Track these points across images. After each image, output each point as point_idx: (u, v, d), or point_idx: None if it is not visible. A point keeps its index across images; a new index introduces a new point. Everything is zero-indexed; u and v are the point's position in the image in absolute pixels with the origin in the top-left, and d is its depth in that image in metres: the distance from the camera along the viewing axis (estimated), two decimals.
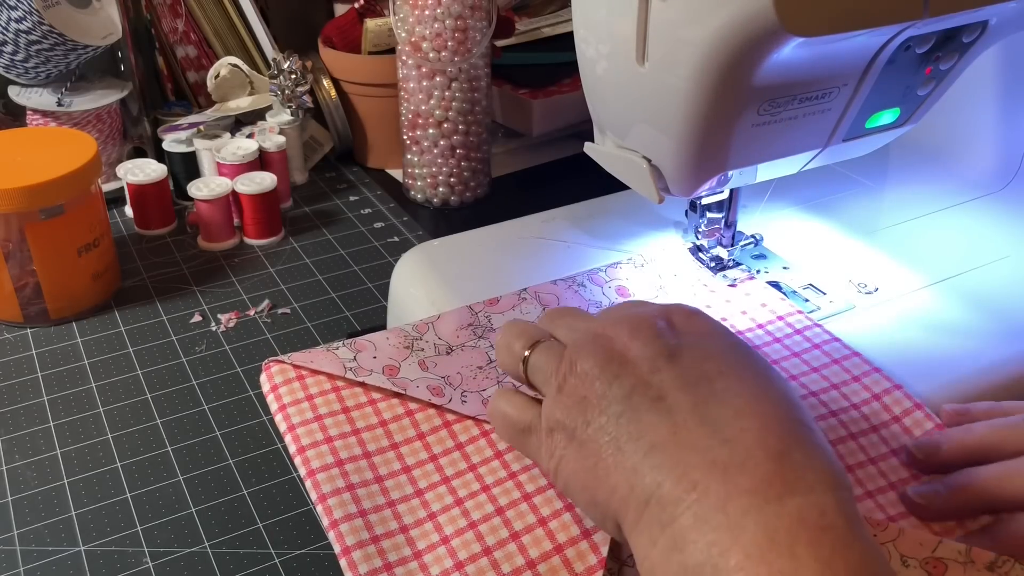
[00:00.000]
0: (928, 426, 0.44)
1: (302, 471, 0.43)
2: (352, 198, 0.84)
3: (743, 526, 0.30)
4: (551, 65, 0.92)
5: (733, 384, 0.34)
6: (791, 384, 0.36)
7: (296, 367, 0.47)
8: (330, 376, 0.46)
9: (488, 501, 0.42)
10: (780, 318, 0.52)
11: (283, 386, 0.46)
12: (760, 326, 0.52)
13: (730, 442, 0.32)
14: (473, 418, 0.45)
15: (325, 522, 0.40)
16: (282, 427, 0.45)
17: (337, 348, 0.48)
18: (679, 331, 0.38)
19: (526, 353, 0.41)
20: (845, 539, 0.30)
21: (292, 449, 0.44)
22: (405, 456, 0.44)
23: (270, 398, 0.46)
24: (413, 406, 0.46)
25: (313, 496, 0.42)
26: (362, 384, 0.46)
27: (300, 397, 0.45)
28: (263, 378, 0.47)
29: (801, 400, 0.35)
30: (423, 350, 0.49)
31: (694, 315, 0.39)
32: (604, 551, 0.39)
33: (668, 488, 0.32)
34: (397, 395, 0.46)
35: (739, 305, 0.53)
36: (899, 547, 0.38)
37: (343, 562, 0.39)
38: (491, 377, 0.48)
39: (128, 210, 0.79)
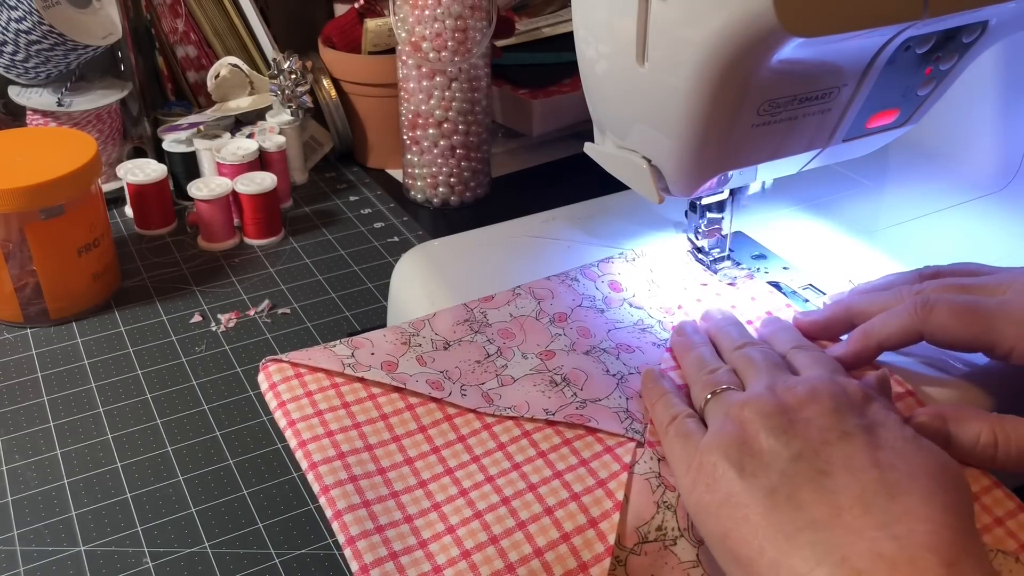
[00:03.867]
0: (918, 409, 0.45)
1: (303, 464, 0.43)
2: (352, 198, 0.84)
3: None
4: (551, 65, 0.92)
5: (900, 480, 0.35)
6: (964, 485, 0.36)
7: (294, 365, 0.47)
8: (328, 373, 0.47)
9: (493, 491, 0.41)
10: None
11: (281, 384, 0.46)
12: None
13: (899, 539, 0.33)
14: (474, 411, 0.45)
15: (329, 513, 0.40)
16: (281, 423, 0.45)
17: (335, 346, 0.48)
18: (858, 410, 0.38)
19: (708, 397, 0.43)
20: None
21: (293, 444, 0.44)
22: (407, 448, 0.44)
23: (268, 396, 0.46)
24: (413, 400, 0.46)
25: (316, 488, 0.42)
26: (361, 380, 0.46)
27: (299, 394, 0.45)
28: (261, 377, 0.47)
29: (969, 498, 0.36)
30: (420, 346, 0.49)
31: (873, 399, 0.39)
32: (611, 539, 0.39)
33: (828, 570, 0.32)
34: (397, 390, 0.46)
35: (738, 311, 0.53)
36: None
37: (348, 551, 0.39)
38: (490, 371, 0.48)
39: (128, 210, 0.79)
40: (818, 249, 0.60)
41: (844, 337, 0.49)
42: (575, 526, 0.40)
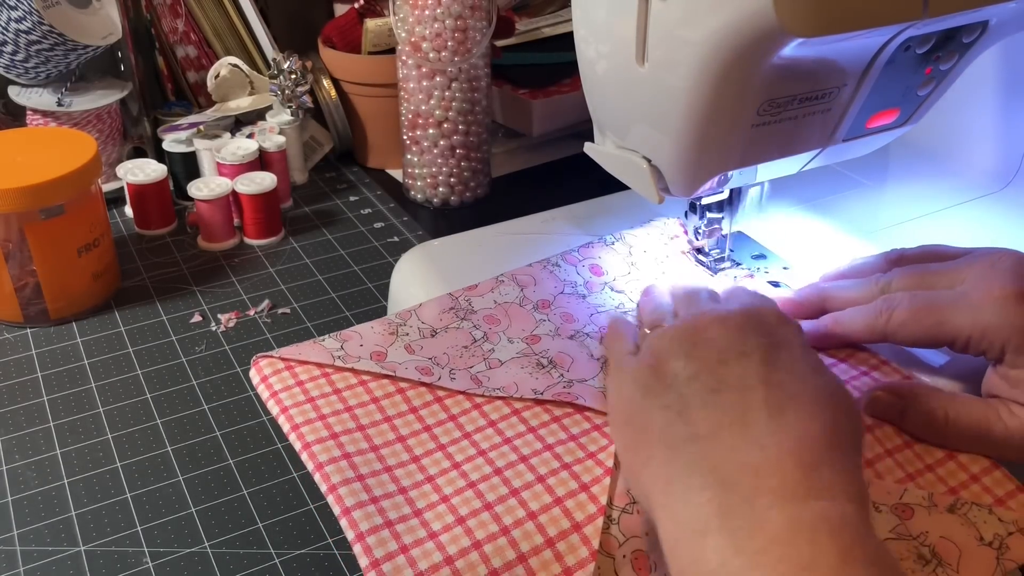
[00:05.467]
0: (896, 377, 0.47)
1: (297, 445, 0.44)
2: (352, 198, 0.84)
3: (768, 517, 0.32)
4: (551, 65, 0.92)
5: (785, 399, 0.36)
6: (851, 413, 0.37)
7: (285, 360, 0.48)
8: (319, 365, 0.48)
9: (486, 463, 0.43)
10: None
11: (272, 376, 0.47)
12: None
13: (765, 448, 0.35)
14: (464, 392, 0.47)
15: (324, 487, 0.41)
16: (275, 410, 0.46)
17: (323, 340, 0.49)
18: (765, 331, 0.40)
19: (647, 332, 0.47)
20: (863, 535, 0.32)
21: (286, 428, 0.45)
22: (399, 427, 0.45)
23: (261, 388, 0.47)
24: (403, 384, 0.47)
25: (310, 466, 0.43)
26: (351, 369, 0.48)
27: (291, 383, 0.46)
28: (252, 372, 0.48)
29: (856, 425, 0.37)
30: (408, 335, 0.50)
31: (788, 323, 0.41)
32: (603, 500, 0.40)
33: (698, 479, 0.35)
34: (387, 376, 0.47)
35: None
36: (871, 495, 0.41)
37: (344, 522, 0.40)
38: (477, 355, 0.49)
39: (128, 210, 0.79)
40: (818, 249, 0.60)
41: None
42: (567, 491, 0.41)
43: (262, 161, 0.78)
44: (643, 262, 0.57)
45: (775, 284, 0.56)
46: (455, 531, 0.39)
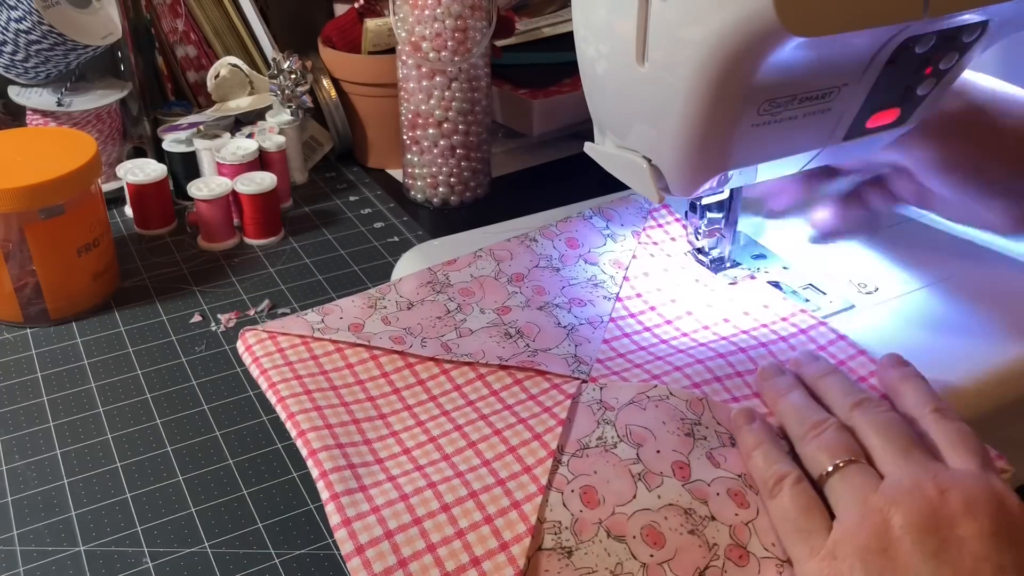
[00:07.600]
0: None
1: (273, 399, 0.47)
2: (352, 198, 0.84)
3: None
4: (551, 65, 0.92)
5: None
6: None
7: (268, 331, 0.51)
8: (299, 335, 0.51)
9: (447, 421, 0.46)
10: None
11: (256, 344, 0.51)
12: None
13: None
14: (433, 359, 0.49)
15: (293, 432, 0.45)
16: (255, 372, 0.49)
17: (306, 314, 0.52)
18: (1016, 539, 0.35)
19: (830, 468, 0.39)
20: None
21: (264, 385, 0.48)
22: (370, 390, 0.48)
23: (244, 355, 0.51)
24: (377, 352, 0.50)
25: (283, 415, 0.46)
26: (329, 339, 0.50)
27: (272, 350, 0.50)
28: (239, 343, 0.51)
29: None
30: (386, 307, 0.53)
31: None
32: (553, 446, 0.42)
33: None
34: (362, 345, 0.50)
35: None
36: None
37: (310, 462, 0.44)
38: (449, 324, 0.52)
39: (128, 210, 0.79)
40: (818, 249, 0.60)
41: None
42: (520, 440, 0.43)
43: (262, 161, 0.78)
44: (619, 233, 0.59)
45: (775, 285, 0.56)
46: (413, 475, 0.42)
